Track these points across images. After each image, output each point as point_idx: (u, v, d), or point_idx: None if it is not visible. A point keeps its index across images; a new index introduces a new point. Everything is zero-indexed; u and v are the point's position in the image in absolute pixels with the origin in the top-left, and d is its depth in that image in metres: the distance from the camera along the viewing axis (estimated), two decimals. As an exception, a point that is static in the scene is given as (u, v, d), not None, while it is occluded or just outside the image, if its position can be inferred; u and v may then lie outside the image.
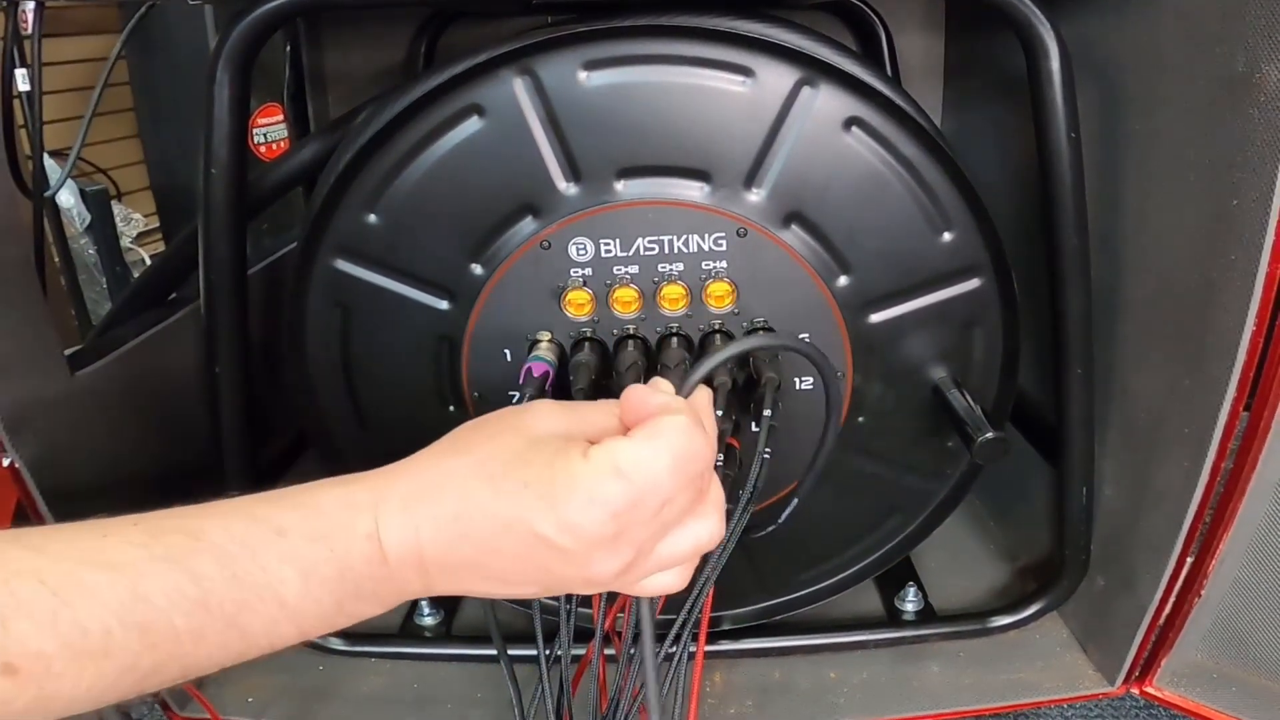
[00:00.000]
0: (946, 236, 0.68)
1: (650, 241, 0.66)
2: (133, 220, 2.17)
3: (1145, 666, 0.77)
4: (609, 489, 0.39)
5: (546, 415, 0.44)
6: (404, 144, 0.65)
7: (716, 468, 0.60)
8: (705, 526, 0.43)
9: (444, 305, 0.69)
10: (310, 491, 0.41)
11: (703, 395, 0.49)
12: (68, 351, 0.69)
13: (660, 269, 0.67)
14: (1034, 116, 0.66)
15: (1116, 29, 0.72)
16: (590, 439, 0.42)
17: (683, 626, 0.59)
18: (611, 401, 0.45)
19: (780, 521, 0.66)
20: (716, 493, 0.45)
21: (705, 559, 0.58)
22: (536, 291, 0.67)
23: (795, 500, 0.65)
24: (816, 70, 0.63)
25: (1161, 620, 0.74)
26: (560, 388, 0.67)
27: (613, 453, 0.40)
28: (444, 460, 0.43)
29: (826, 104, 0.64)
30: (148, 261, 2.07)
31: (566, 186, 0.66)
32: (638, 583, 0.44)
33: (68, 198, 1.76)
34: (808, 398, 0.70)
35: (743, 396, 0.66)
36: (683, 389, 0.47)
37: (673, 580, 0.45)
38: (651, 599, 0.51)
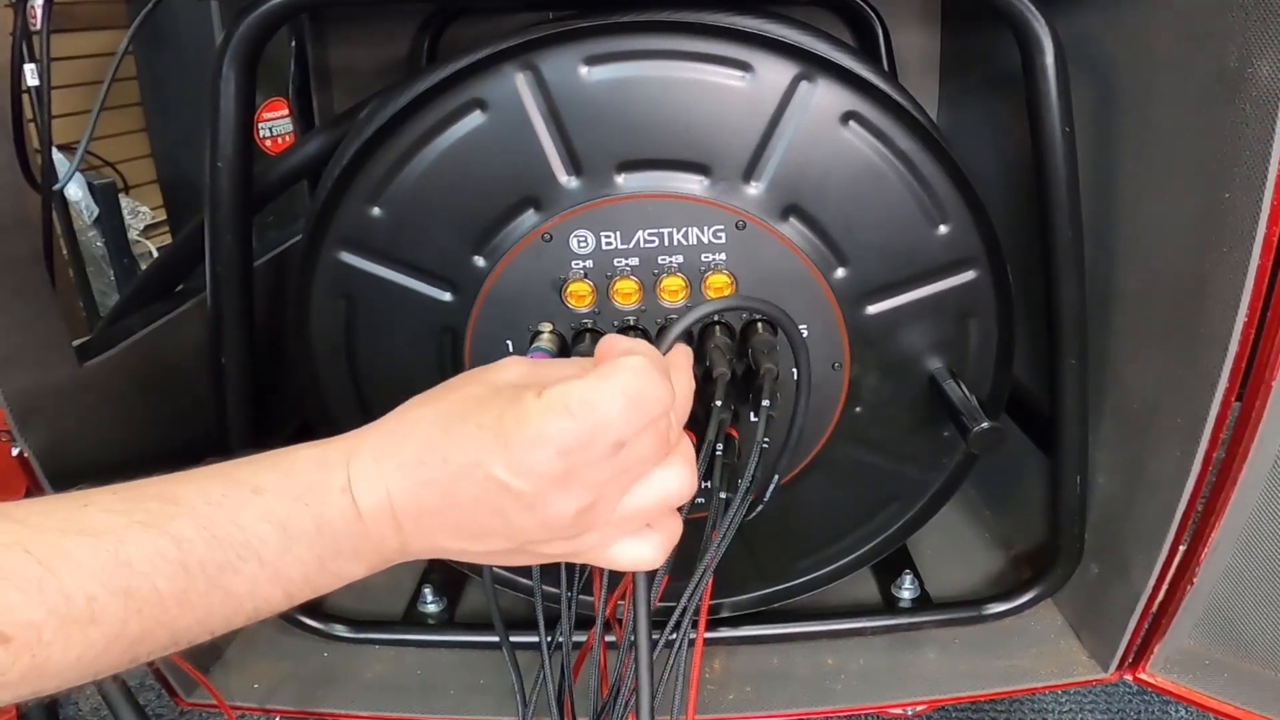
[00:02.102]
0: (942, 229, 0.68)
1: (650, 234, 0.67)
2: (140, 213, 2.19)
3: (1138, 653, 0.78)
4: (556, 426, 0.39)
5: (512, 367, 0.45)
6: (407, 138, 0.66)
7: (716, 457, 0.61)
8: (673, 476, 0.43)
9: (447, 297, 0.70)
10: (286, 453, 0.42)
11: (679, 351, 0.50)
12: (76, 342, 0.70)
13: (660, 261, 0.68)
14: (1029, 111, 0.67)
15: (1111, 24, 0.73)
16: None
17: (683, 613, 0.60)
18: (585, 359, 0.46)
19: (766, 500, 0.67)
20: (685, 446, 0.44)
21: (702, 548, 0.59)
22: (538, 283, 0.68)
23: (777, 478, 0.65)
24: (814, 65, 0.64)
25: (1154, 607, 0.74)
26: (561, 378, 0.68)
27: (564, 392, 0.40)
28: (409, 413, 0.44)
29: (824, 99, 0.64)
30: (155, 254, 2.08)
31: (568, 180, 0.66)
32: (606, 550, 0.44)
33: (76, 191, 1.77)
34: (805, 388, 0.71)
35: (741, 387, 0.67)
36: (661, 346, 0.47)
37: (647, 553, 0.44)
38: (649, 584, 0.52)
